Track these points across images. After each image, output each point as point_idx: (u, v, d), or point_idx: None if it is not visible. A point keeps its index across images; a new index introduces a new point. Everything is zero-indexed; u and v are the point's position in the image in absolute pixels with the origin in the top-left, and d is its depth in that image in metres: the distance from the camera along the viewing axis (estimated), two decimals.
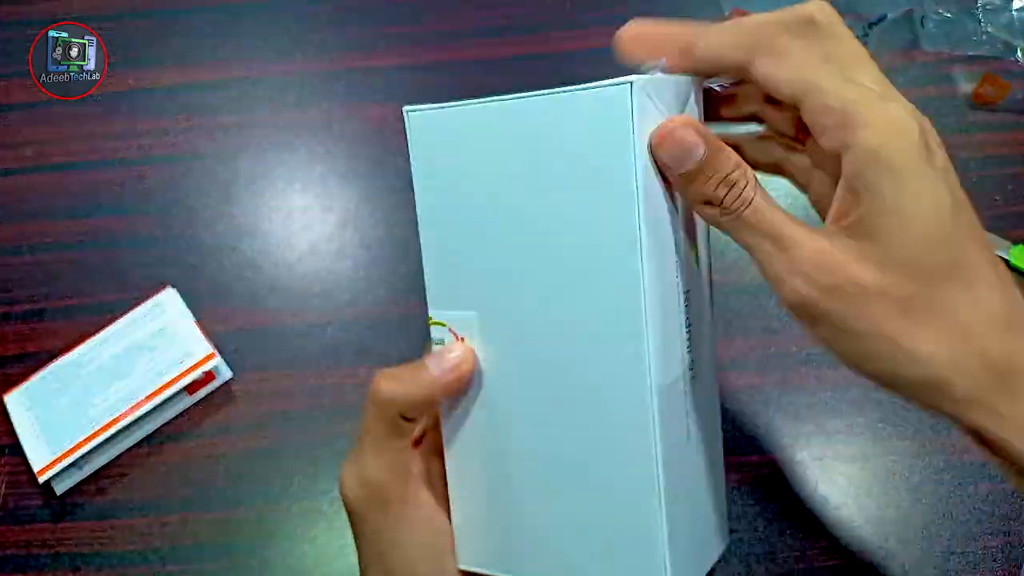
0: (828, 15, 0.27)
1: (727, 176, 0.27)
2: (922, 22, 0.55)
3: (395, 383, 0.31)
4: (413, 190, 0.31)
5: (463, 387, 0.31)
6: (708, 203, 0.27)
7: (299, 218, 0.53)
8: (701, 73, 0.29)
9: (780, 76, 0.27)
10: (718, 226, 0.28)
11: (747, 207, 0.27)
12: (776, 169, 0.32)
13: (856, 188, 0.26)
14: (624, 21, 0.62)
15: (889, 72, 0.58)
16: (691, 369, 0.29)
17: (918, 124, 0.25)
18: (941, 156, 0.26)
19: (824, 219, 0.29)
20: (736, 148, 0.29)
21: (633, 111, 0.27)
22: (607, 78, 0.32)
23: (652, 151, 0.27)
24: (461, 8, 0.61)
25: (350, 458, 0.32)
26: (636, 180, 0.27)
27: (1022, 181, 0.52)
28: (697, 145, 0.26)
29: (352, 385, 0.47)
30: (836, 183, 0.27)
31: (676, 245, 0.28)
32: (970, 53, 0.54)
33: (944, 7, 0.54)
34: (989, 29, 0.54)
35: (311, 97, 0.57)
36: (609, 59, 0.62)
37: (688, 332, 0.29)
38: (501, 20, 0.60)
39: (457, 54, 0.59)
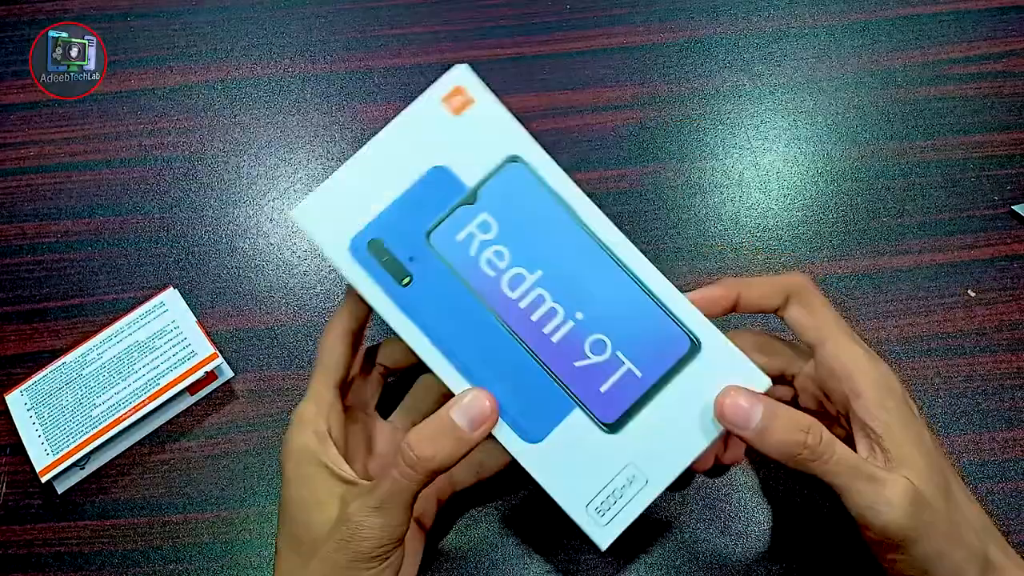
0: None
1: (798, 423, 0.33)
2: None
3: (432, 446, 0.32)
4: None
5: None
6: (792, 450, 0.32)
7: None
8: (747, 313, 0.37)
9: (806, 322, 0.36)
10: (803, 468, 0.32)
11: (833, 453, 0.32)
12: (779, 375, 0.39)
13: (873, 431, 0.33)
14: (623, 21, 0.62)
15: (890, 72, 0.58)
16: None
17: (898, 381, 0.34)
18: (913, 403, 0.35)
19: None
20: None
21: None
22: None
23: (722, 421, 0.33)
24: (461, 8, 0.61)
25: (371, 506, 0.32)
26: None
27: (1022, 181, 0.52)
28: (754, 407, 0.33)
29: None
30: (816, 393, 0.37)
31: None
32: None
33: None
34: None
35: (311, 97, 0.58)
36: (608, 59, 0.62)
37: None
38: (501, 20, 0.60)
39: (457, 54, 0.59)
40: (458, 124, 0.35)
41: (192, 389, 0.46)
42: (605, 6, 0.61)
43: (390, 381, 0.42)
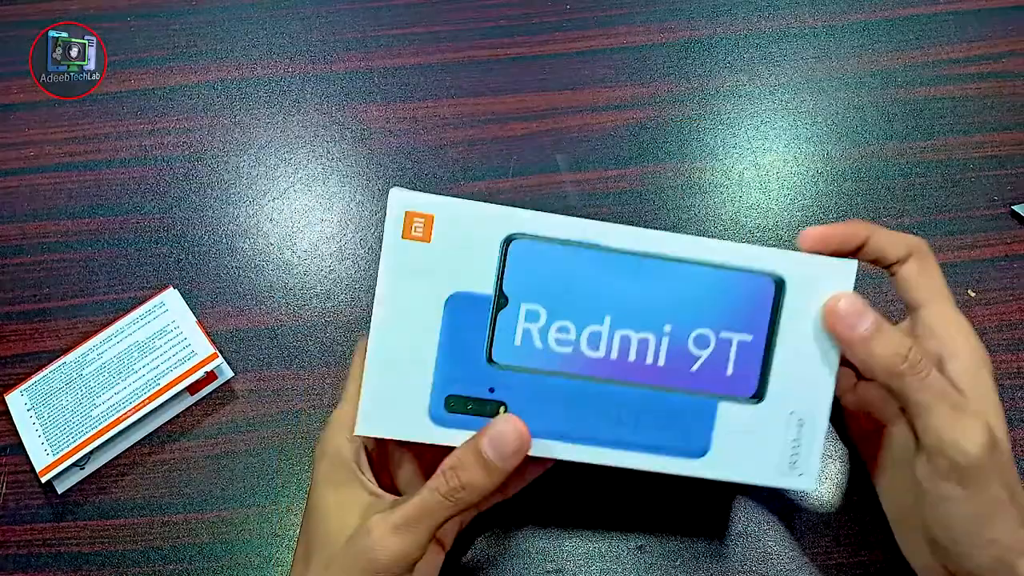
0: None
1: (901, 340, 0.33)
2: None
3: (467, 475, 0.32)
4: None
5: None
6: (893, 361, 0.32)
7: (299, 218, 0.53)
8: (865, 260, 0.36)
9: (920, 281, 0.35)
10: (895, 380, 0.32)
11: (929, 372, 0.32)
12: None
13: (963, 392, 0.33)
14: (623, 21, 0.63)
15: (890, 72, 0.58)
16: None
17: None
18: None
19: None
20: None
21: None
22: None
23: (827, 322, 0.33)
24: (461, 8, 0.61)
25: (395, 526, 0.32)
26: None
27: (1022, 181, 0.52)
28: (864, 313, 0.33)
29: None
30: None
31: None
32: None
33: None
34: None
35: (311, 97, 0.58)
36: (608, 59, 0.63)
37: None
38: (501, 20, 0.60)
39: (457, 54, 0.59)
40: (436, 247, 0.33)
41: (192, 389, 0.46)
42: (605, 6, 0.61)
43: None
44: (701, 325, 0.34)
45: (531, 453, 0.33)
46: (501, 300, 0.33)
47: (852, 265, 0.34)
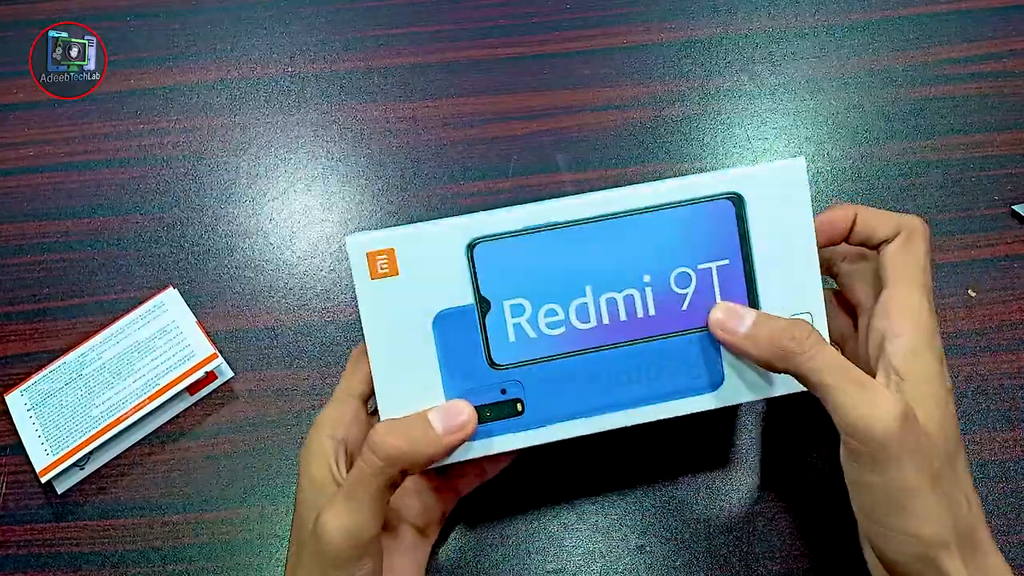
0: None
1: (786, 323, 0.33)
2: None
3: (401, 440, 0.32)
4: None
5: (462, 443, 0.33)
6: (779, 352, 0.32)
7: (299, 218, 0.53)
8: (856, 242, 0.36)
9: (896, 260, 0.34)
10: (785, 360, 0.32)
11: (818, 349, 0.32)
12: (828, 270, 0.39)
13: (896, 371, 0.32)
14: (623, 21, 0.63)
15: (890, 72, 0.58)
16: None
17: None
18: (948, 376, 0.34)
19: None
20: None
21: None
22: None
23: (714, 334, 0.34)
24: (461, 8, 0.61)
25: (337, 506, 0.31)
26: None
27: (1022, 181, 0.52)
28: (747, 313, 0.34)
29: None
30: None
31: None
32: None
33: None
34: None
35: (311, 97, 0.58)
36: (608, 59, 0.63)
37: None
38: (501, 20, 0.60)
39: (457, 54, 0.59)
40: (406, 276, 0.33)
41: (192, 389, 0.46)
42: (605, 6, 0.61)
43: None
44: (677, 265, 0.34)
45: (563, 436, 0.34)
46: (483, 305, 0.34)
47: (800, 161, 0.34)
